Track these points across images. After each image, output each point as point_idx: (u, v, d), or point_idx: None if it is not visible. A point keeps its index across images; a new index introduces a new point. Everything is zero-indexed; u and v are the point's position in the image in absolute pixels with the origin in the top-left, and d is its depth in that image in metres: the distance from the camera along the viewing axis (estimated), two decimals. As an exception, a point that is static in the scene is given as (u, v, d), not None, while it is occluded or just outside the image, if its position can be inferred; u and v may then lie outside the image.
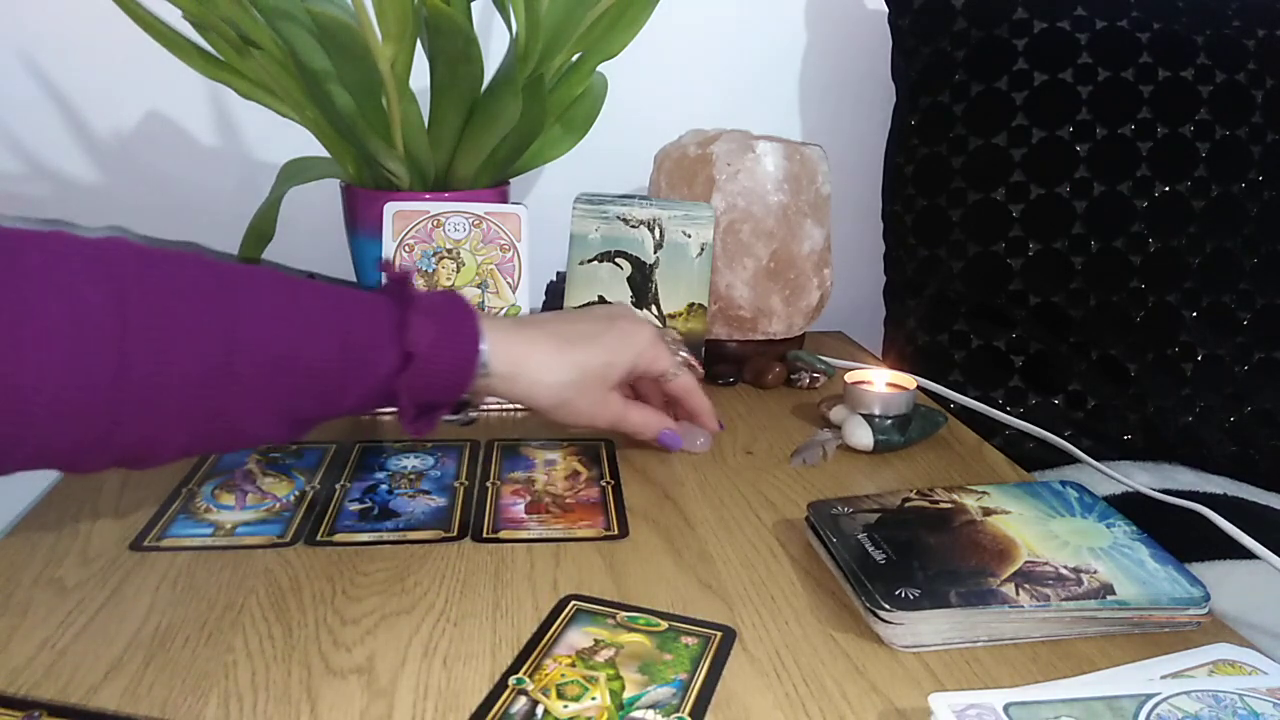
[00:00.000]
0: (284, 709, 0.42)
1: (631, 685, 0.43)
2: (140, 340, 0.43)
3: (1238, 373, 0.89)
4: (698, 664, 0.44)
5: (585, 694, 0.42)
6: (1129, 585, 0.48)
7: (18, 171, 1.00)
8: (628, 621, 0.47)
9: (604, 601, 0.50)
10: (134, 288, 0.43)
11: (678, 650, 0.45)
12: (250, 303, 0.48)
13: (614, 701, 0.42)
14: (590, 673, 0.43)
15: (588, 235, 0.80)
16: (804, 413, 0.80)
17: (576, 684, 0.43)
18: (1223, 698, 0.40)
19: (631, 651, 0.45)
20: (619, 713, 0.41)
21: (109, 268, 0.43)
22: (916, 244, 0.95)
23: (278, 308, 0.49)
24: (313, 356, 0.49)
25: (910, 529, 0.53)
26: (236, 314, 0.47)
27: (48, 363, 0.40)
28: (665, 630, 0.47)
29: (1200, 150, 0.87)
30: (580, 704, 0.41)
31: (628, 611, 0.48)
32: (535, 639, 0.46)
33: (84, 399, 0.42)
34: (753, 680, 0.44)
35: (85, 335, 0.41)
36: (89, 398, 0.42)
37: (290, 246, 0.94)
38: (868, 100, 1.09)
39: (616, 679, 0.43)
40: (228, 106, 1.01)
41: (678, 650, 0.45)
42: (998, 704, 0.39)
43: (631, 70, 0.92)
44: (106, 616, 0.48)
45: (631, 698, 0.42)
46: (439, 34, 0.73)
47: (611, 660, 0.44)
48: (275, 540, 0.56)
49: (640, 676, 0.43)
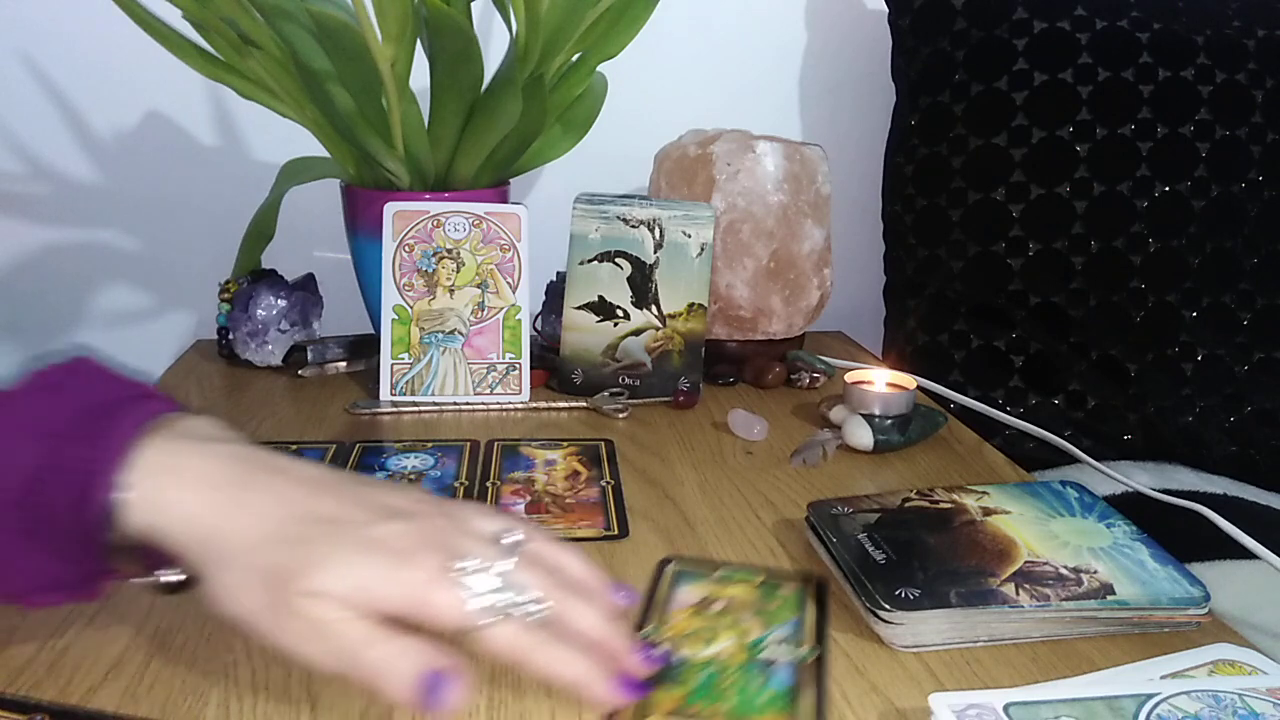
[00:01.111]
0: (284, 709, 0.42)
1: (754, 627, 0.47)
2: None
3: (1238, 373, 0.89)
4: (803, 607, 0.49)
5: (716, 639, 0.46)
6: (1129, 585, 0.48)
7: (18, 171, 1.00)
8: (725, 577, 0.52)
9: (698, 560, 0.54)
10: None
11: (781, 598, 0.50)
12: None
13: (742, 641, 0.46)
14: (712, 622, 0.47)
15: (588, 235, 0.80)
16: (804, 413, 0.80)
17: (704, 631, 0.47)
18: (1223, 698, 0.40)
19: (741, 602, 0.49)
20: (751, 651, 0.45)
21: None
22: (916, 244, 0.95)
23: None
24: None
25: (910, 529, 0.53)
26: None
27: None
28: (763, 582, 0.52)
29: (1200, 150, 0.86)
30: (714, 647, 0.45)
31: (722, 569, 0.53)
32: (648, 599, 0.50)
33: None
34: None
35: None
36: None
37: (290, 246, 0.94)
38: (868, 100, 1.09)
39: (737, 625, 0.47)
40: (228, 106, 1.01)
41: (781, 598, 0.50)
42: (998, 704, 0.39)
43: (631, 70, 0.92)
44: (106, 616, 0.48)
45: (757, 639, 0.46)
46: (439, 34, 0.73)
47: (727, 609, 0.49)
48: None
49: (757, 620, 0.48)
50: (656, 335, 0.81)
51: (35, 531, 0.38)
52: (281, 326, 0.86)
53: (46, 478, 0.38)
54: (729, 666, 0.44)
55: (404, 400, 0.77)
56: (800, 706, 0.42)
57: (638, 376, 0.81)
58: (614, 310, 0.81)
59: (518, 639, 0.38)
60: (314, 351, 0.85)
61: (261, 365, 0.87)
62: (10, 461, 0.38)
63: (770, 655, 0.45)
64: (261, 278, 0.87)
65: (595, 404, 0.78)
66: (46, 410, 0.40)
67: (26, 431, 0.39)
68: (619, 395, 0.79)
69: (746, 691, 0.43)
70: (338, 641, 0.36)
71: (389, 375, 0.77)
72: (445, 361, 0.78)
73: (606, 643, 0.40)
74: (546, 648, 0.38)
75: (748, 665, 0.44)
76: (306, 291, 0.89)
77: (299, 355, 0.86)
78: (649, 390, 0.81)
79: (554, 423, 0.76)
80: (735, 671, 0.44)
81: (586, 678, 0.39)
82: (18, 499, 0.38)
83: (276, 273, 0.89)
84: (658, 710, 0.42)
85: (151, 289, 1.06)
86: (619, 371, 0.81)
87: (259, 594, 0.37)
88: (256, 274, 0.88)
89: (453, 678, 0.36)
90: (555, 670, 0.38)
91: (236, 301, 0.86)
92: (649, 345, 0.81)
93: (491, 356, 0.78)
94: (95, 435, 0.39)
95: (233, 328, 0.86)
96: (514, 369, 0.79)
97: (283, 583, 0.37)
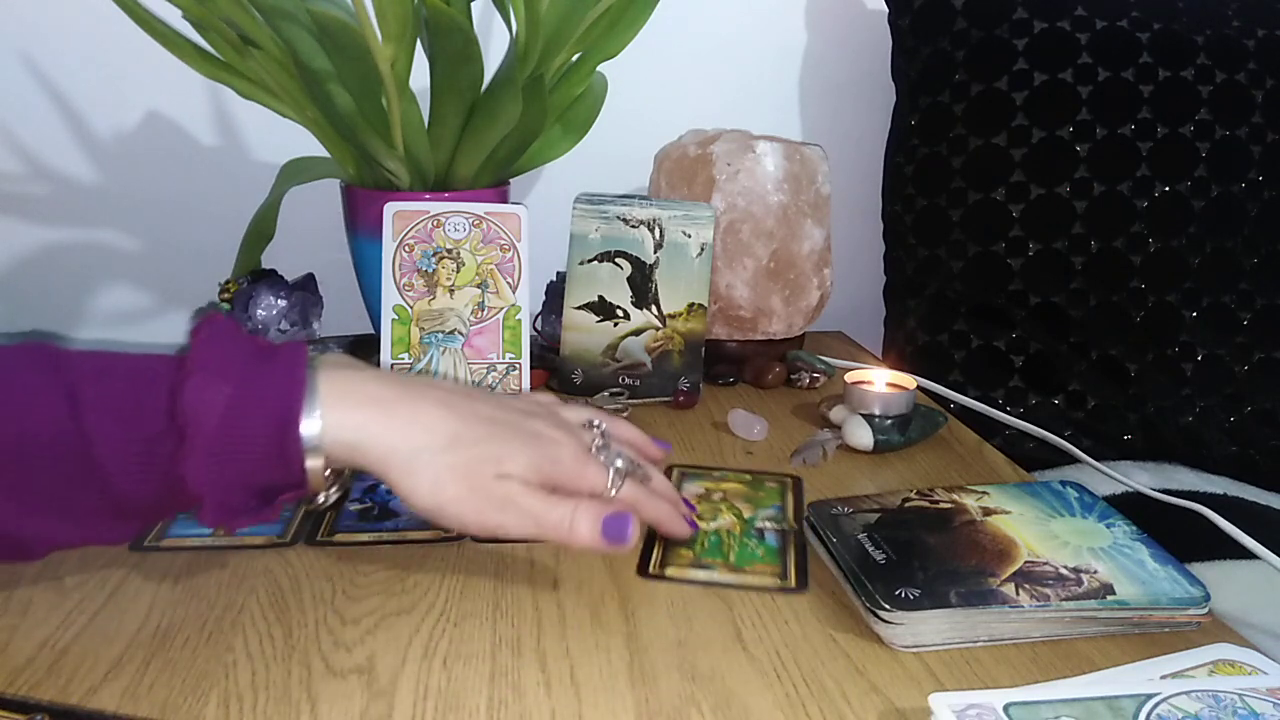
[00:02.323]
0: (284, 709, 0.42)
1: (746, 509, 0.61)
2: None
3: (1238, 373, 0.89)
4: (784, 496, 0.63)
5: (719, 516, 0.59)
6: (1129, 585, 0.48)
7: (18, 171, 1.00)
8: (721, 476, 0.66)
9: (697, 466, 0.67)
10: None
11: (766, 490, 0.64)
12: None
13: (739, 517, 0.59)
14: (715, 505, 0.61)
15: (588, 235, 0.80)
16: (804, 413, 0.80)
17: (709, 511, 0.60)
18: (1223, 698, 0.40)
19: (735, 492, 0.63)
20: (746, 524, 0.58)
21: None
22: (916, 244, 0.95)
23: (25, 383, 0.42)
24: (38, 427, 0.41)
25: (910, 529, 0.53)
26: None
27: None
28: (751, 479, 0.65)
29: (1200, 150, 0.86)
30: (718, 522, 0.59)
31: (717, 470, 0.67)
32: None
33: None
34: (753, 680, 0.44)
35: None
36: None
37: (290, 246, 0.94)
38: (868, 100, 1.09)
39: (733, 507, 0.61)
40: (228, 106, 1.01)
41: (766, 490, 0.64)
42: (998, 704, 0.39)
43: (631, 70, 0.92)
44: (106, 616, 0.48)
45: (750, 516, 0.60)
46: (439, 34, 0.73)
47: (725, 498, 0.62)
48: (275, 540, 0.56)
49: (749, 504, 0.61)
50: (656, 335, 0.81)
51: (240, 459, 0.43)
52: (281, 326, 0.86)
53: (245, 410, 0.43)
54: (731, 533, 0.57)
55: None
56: (786, 560, 0.55)
57: (638, 376, 0.81)
58: (614, 310, 0.81)
59: (635, 493, 0.51)
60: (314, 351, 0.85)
61: (261, 365, 0.87)
62: (207, 398, 0.42)
63: (761, 526, 0.58)
64: (261, 278, 0.87)
65: (595, 404, 0.78)
66: (221, 357, 0.44)
67: (212, 373, 0.43)
68: (619, 395, 0.79)
69: (745, 550, 0.56)
70: (527, 509, 0.47)
71: (389, 375, 0.77)
72: (445, 361, 0.78)
73: (672, 495, 0.55)
74: (650, 499, 0.52)
75: (745, 533, 0.57)
76: (306, 291, 0.89)
77: (299, 355, 0.86)
78: (649, 390, 0.81)
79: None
80: (736, 537, 0.57)
81: (670, 519, 0.53)
82: (219, 432, 0.42)
83: (276, 273, 0.89)
84: (680, 561, 0.54)
85: (151, 289, 1.06)
86: (619, 371, 0.81)
87: (459, 484, 0.46)
88: (256, 274, 0.88)
89: (629, 518, 0.48)
90: (657, 515, 0.52)
91: (236, 301, 0.86)
92: (649, 345, 0.81)
93: (491, 356, 0.78)
94: (275, 372, 0.44)
95: (233, 328, 0.86)
96: (514, 369, 0.79)
97: (478, 471, 0.46)
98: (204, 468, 0.42)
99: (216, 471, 0.43)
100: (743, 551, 0.55)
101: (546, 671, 0.45)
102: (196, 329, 0.45)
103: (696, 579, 0.52)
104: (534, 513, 0.47)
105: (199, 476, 0.42)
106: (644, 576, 0.53)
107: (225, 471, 0.43)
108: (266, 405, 0.43)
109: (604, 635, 0.47)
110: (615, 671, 0.45)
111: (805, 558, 0.55)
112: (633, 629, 0.48)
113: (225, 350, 0.44)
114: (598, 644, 0.47)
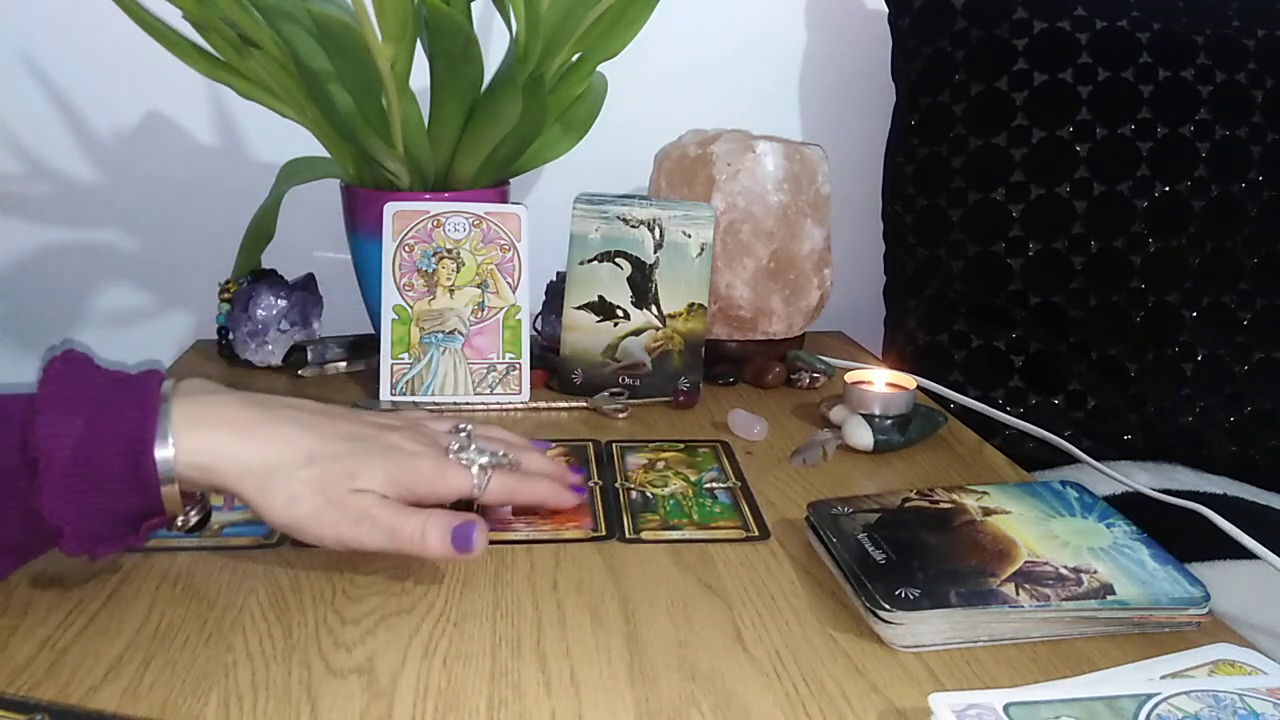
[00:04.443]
0: (284, 709, 0.42)
1: (690, 474, 0.66)
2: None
3: (1238, 373, 0.89)
4: (720, 459, 0.68)
5: (669, 483, 0.64)
6: (1129, 585, 0.48)
7: (18, 171, 1.00)
8: (658, 447, 0.70)
9: (634, 440, 0.72)
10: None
11: (702, 456, 0.69)
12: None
13: (687, 481, 0.64)
14: (661, 474, 0.65)
15: (588, 235, 0.80)
16: (804, 413, 0.80)
17: (658, 480, 0.65)
18: (1223, 698, 0.40)
19: (675, 460, 0.68)
20: (696, 486, 0.64)
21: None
22: (916, 244, 0.95)
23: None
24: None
25: (910, 529, 0.53)
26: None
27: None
28: (684, 448, 0.70)
29: (1200, 150, 0.86)
30: (670, 488, 0.63)
31: (653, 443, 0.71)
32: (610, 467, 0.67)
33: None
34: (753, 680, 0.44)
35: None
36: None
37: (290, 246, 0.94)
38: (868, 100, 1.09)
39: (679, 474, 0.66)
40: (228, 106, 1.01)
41: (702, 456, 0.69)
42: (998, 704, 0.39)
43: (631, 70, 0.92)
44: (106, 616, 0.48)
45: (696, 479, 0.65)
46: (439, 34, 0.73)
47: (669, 465, 0.67)
48: (262, 541, 0.55)
49: (691, 469, 0.66)
50: (656, 335, 0.81)
51: (96, 489, 0.44)
52: (281, 326, 0.86)
53: (97, 441, 0.43)
54: (686, 495, 0.62)
55: (404, 400, 0.77)
56: (744, 514, 0.60)
57: (638, 376, 0.81)
58: (614, 310, 0.81)
59: (506, 482, 0.53)
60: (314, 352, 0.85)
61: (261, 365, 0.87)
62: (58, 432, 0.43)
63: (710, 487, 0.64)
64: (261, 278, 0.87)
65: (595, 404, 0.78)
66: (74, 390, 0.45)
67: (64, 406, 0.44)
68: (619, 395, 0.79)
69: (703, 509, 0.61)
70: (381, 522, 0.48)
71: (389, 375, 0.77)
72: (445, 361, 0.78)
73: (554, 471, 0.58)
74: (525, 482, 0.54)
75: (698, 495, 0.63)
76: (306, 291, 0.89)
77: (299, 355, 0.86)
78: (649, 390, 0.81)
79: (554, 423, 0.76)
80: (691, 499, 0.62)
81: (554, 494, 0.55)
82: (72, 463, 0.43)
83: (276, 273, 0.89)
84: (650, 525, 0.58)
85: (151, 289, 1.06)
86: (619, 371, 0.81)
87: (314, 498, 0.47)
88: (256, 274, 0.88)
89: (475, 526, 0.48)
90: (535, 495, 0.54)
91: (236, 301, 0.86)
92: (649, 345, 0.81)
93: (491, 356, 0.78)
94: (126, 402, 0.45)
95: (233, 328, 0.86)
96: (514, 369, 0.79)
97: (334, 486, 0.47)
98: (59, 500, 0.43)
99: (74, 503, 0.43)
100: (702, 510, 0.60)
101: (546, 671, 0.44)
102: (49, 364, 0.45)
103: (671, 539, 0.57)
104: (388, 526, 0.48)
105: (55, 509, 0.43)
106: (623, 541, 0.57)
107: (83, 502, 0.43)
108: (119, 434, 0.44)
109: (604, 635, 0.47)
110: (615, 671, 0.45)
111: (759, 511, 0.61)
112: (633, 629, 0.48)
113: (77, 383, 0.45)
114: (598, 644, 0.47)
